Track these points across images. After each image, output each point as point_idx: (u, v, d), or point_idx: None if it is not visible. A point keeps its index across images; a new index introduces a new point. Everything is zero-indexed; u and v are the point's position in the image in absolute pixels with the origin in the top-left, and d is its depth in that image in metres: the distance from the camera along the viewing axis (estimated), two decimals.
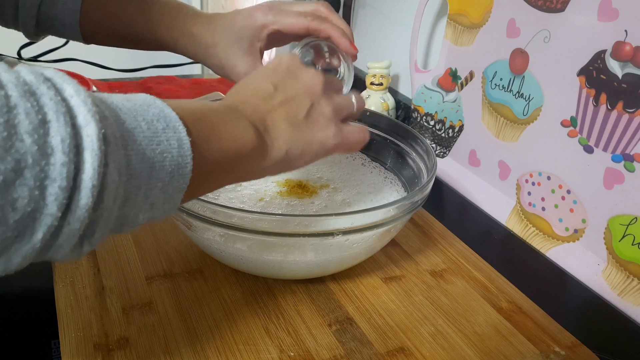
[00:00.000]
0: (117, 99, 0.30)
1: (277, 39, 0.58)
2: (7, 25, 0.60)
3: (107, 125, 0.27)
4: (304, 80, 0.44)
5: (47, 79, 0.26)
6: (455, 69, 0.78)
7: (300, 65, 0.45)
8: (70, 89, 0.26)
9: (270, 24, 0.56)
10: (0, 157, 0.22)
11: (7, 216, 0.23)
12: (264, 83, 0.43)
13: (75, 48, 0.97)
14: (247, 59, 0.57)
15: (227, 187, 0.60)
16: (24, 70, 0.26)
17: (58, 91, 0.26)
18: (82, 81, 0.80)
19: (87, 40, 0.61)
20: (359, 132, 0.46)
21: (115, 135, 0.27)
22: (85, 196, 0.25)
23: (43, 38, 0.62)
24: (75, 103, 0.26)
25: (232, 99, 0.41)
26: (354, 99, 0.48)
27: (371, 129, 0.68)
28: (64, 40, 0.95)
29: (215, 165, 0.35)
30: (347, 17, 1.08)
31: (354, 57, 0.57)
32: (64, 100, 0.26)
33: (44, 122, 0.24)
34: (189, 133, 0.32)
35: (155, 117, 0.30)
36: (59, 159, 0.24)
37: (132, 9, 0.58)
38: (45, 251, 0.26)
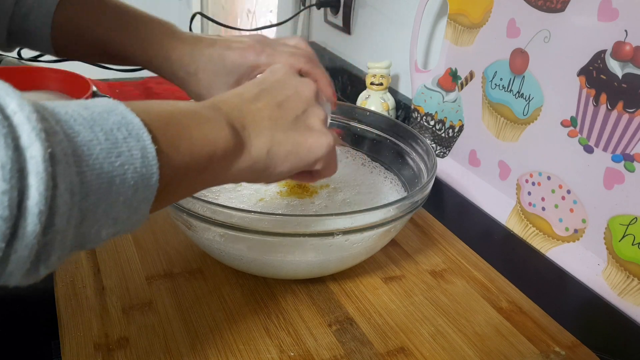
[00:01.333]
0: (72, 109, 0.27)
1: None
2: None
3: (55, 142, 0.24)
4: (297, 87, 0.42)
5: None
6: (455, 69, 0.78)
7: (293, 73, 0.43)
8: (14, 104, 0.24)
9: (263, 65, 0.52)
10: None
11: None
12: (250, 87, 0.41)
13: None
14: (225, 86, 0.53)
15: (227, 187, 0.60)
16: None
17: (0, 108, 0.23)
18: (82, 81, 0.80)
19: (58, 53, 0.58)
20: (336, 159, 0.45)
21: (66, 152, 0.25)
22: (32, 223, 0.23)
23: (15, 50, 0.61)
24: (18, 121, 0.23)
25: (208, 100, 0.39)
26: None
27: (371, 129, 0.68)
28: None
29: (186, 171, 0.33)
30: (347, 17, 1.08)
31: (333, 106, 0.54)
32: (6, 118, 0.23)
33: None
34: (155, 140, 0.29)
35: (115, 126, 0.28)
36: None
37: (107, 23, 0.54)
38: None
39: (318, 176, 0.45)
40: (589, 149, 0.59)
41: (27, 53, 0.94)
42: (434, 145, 0.84)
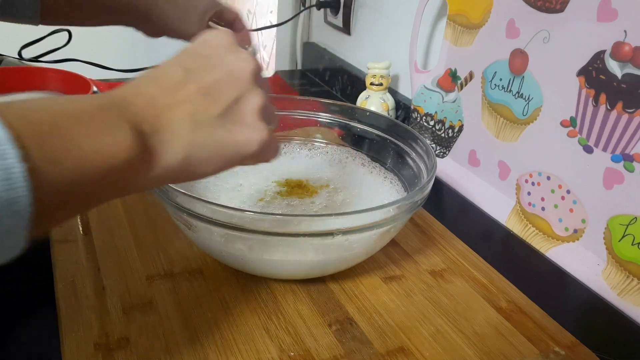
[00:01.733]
0: None
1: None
2: None
3: None
4: (232, 65, 0.35)
5: None
6: (455, 69, 0.78)
7: (231, 45, 0.36)
8: None
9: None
10: None
11: None
12: (172, 68, 0.34)
13: (76, 48, 0.97)
14: (201, 20, 0.63)
15: (227, 186, 0.60)
16: None
17: None
18: (83, 81, 0.80)
19: (45, 18, 0.58)
20: (277, 140, 0.39)
21: None
22: None
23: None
24: None
25: (119, 90, 0.33)
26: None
27: (371, 129, 0.68)
28: (65, 41, 0.95)
29: (74, 189, 0.28)
30: (347, 17, 1.08)
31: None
32: None
33: None
34: (28, 157, 0.25)
35: None
36: None
37: None
38: None
39: (256, 163, 0.39)
40: (588, 149, 0.59)
41: (27, 53, 0.95)
42: (433, 145, 0.84)
